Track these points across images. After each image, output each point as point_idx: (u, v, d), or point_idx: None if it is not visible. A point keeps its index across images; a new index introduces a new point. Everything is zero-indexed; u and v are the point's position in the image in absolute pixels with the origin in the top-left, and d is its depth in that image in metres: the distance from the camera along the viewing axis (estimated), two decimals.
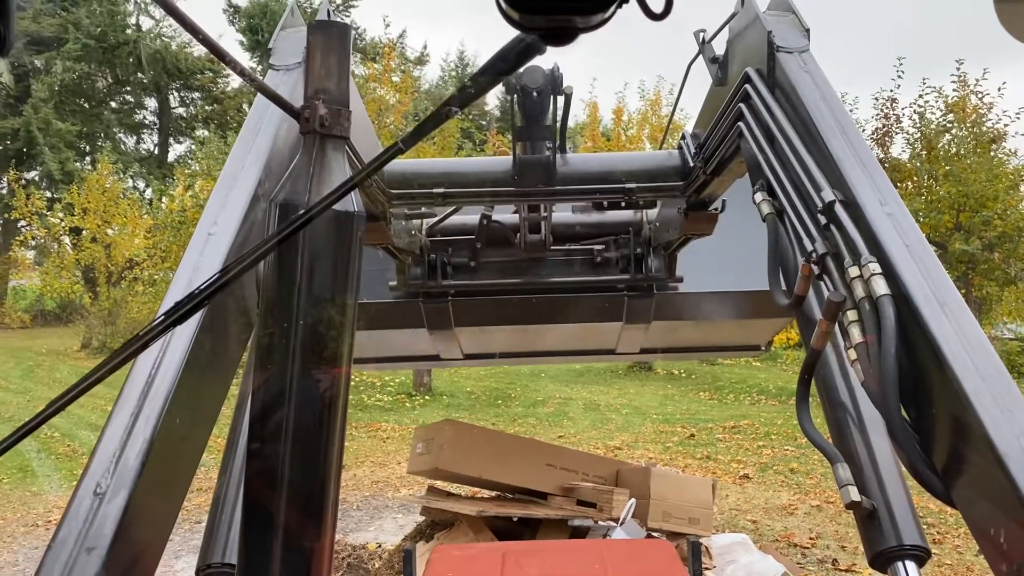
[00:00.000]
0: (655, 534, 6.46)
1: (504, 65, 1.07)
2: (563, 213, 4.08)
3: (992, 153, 19.34)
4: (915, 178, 19.84)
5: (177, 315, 1.17)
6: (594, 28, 0.96)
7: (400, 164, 3.46)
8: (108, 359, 1.14)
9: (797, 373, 2.03)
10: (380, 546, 8.23)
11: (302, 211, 1.45)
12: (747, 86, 2.42)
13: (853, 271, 1.72)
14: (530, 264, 4.12)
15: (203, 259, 1.86)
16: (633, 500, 6.37)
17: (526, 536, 6.36)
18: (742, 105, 2.44)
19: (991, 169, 18.68)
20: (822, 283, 1.87)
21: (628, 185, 3.29)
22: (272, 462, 1.57)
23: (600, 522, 6.41)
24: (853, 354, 1.69)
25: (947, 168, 19.15)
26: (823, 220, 1.89)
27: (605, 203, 3.57)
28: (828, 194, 1.89)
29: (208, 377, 1.78)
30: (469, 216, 3.97)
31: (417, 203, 3.47)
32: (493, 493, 7.14)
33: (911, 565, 1.96)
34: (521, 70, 3.11)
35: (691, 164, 3.15)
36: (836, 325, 1.78)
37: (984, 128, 19.47)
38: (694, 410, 17.81)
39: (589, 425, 16.21)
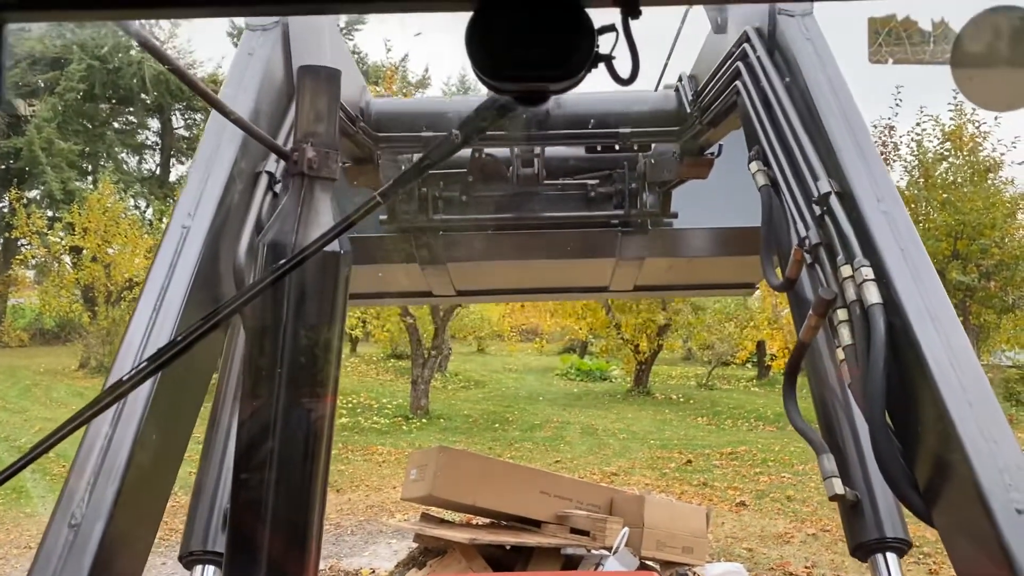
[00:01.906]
0: (649, 563, 6.44)
1: (481, 123, 1.10)
2: (557, 148, 4.06)
3: (989, 182, 19.45)
4: (913, 205, 19.92)
5: (162, 359, 1.19)
6: (564, 91, 0.99)
7: (388, 104, 3.39)
8: (93, 402, 1.16)
9: None
10: (374, 572, 8.21)
11: (287, 255, 1.49)
12: (746, 45, 2.36)
13: (845, 270, 1.71)
14: (523, 199, 4.04)
15: (179, 257, 1.83)
16: (626, 529, 6.36)
17: (519, 564, 6.33)
18: (740, 64, 2.38)
19: (988, 197, 18.77)
20: (815, 269, 1.86)
21: (622, 130, 3.24)
22: (258, 492, 1.59)
23: (593, 551, 6.39)
24: (842, 354, 1.70)
25: (944, 196, 19.24)
26: (818, 210, 1.87)
27: (599, 146, 3.48)
28: (824, 184, 1.87)
29: (179, 400, 1.78)
30: (461, 153, 3.93)
31: (405, 146, 3.40)
32: (486, 520, 7.12)
33: (892, 557, 1.98)
34: None
35: (687, 109, 3.09)
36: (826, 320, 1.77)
37: (981, 156, 19.60)
38: (692, 435, 17.75)
39: (586, 450, 16.16)
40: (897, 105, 20.95)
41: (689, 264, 4.68)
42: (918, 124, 20.37)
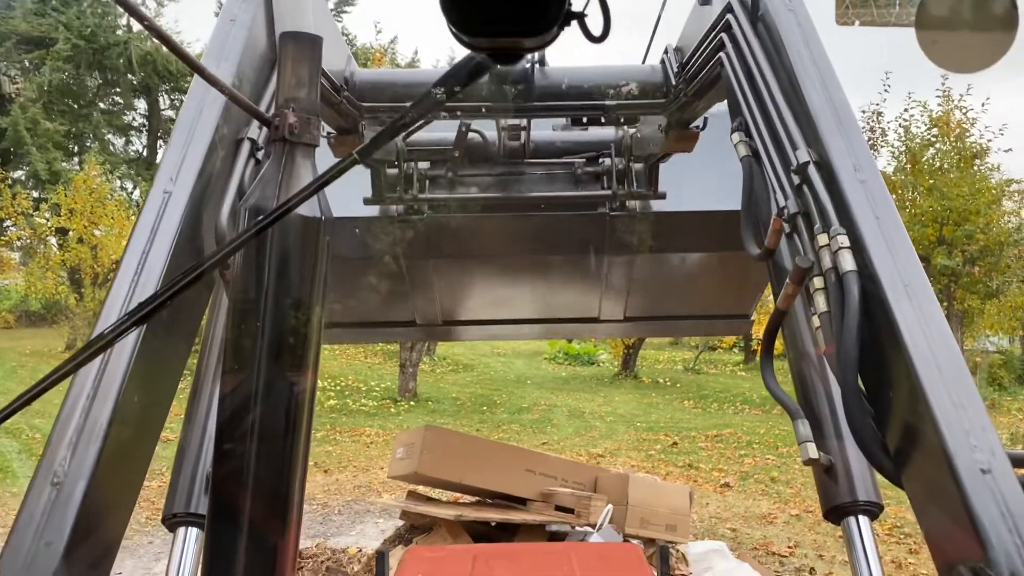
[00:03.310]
0: (633, 541, 6.50)
1: (456, 82, 1.12)
2: (543, 131, 4.03)
3: (975, 168, 19.56)
4: (899, 191, 20.04)
5: (144, 312, 1.21)
6: (537, 49, 1.01)
7: (373, 74, 3.34)
8: (76, 355, 1.18)
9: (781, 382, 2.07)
10: (361, 550, 8.24)
11: (265, 219, 1.50)
12: (729, 16, 2.38)
13: (822, 239, 1.74)
14: (510, 180, 3.99)
15: (160, 222, 1.83)
16: (610, 506, 6.42)
17: (504, 541, 6.38)
18: (724, 35, 2.40)
19: (973, 184, 18.89)
20: (793, 239, 1.89)
21: (608, 102, 3.21)
22: (240, 456, 1.60)
23: (578, 527, 6.45)
24: (817, 322, 1.72)
25: (931, 182, 19.34)
26: (796, 180, 1.90)
27: (585, 118, 3.42)
28: (803, 154, 1.89)
29: (163, 358, 1.79)
30: (447, 133, 3.83)
31: (390, 117, 3.33)
32: (473, 498, 7.18)
33: (864, 520, 2.04)
34: None
35: (673, 82, 3.10)
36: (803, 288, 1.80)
37: (967, 143, 19.70)
38: (678, 418, 17.88)
39: (573, 432, 16.25)
40: (885, 91, 21.12)
41: (678, 287, 4.58)
42: (906, 110, 20.49)
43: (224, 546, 1.62)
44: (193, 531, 2.05)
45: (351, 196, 3.94)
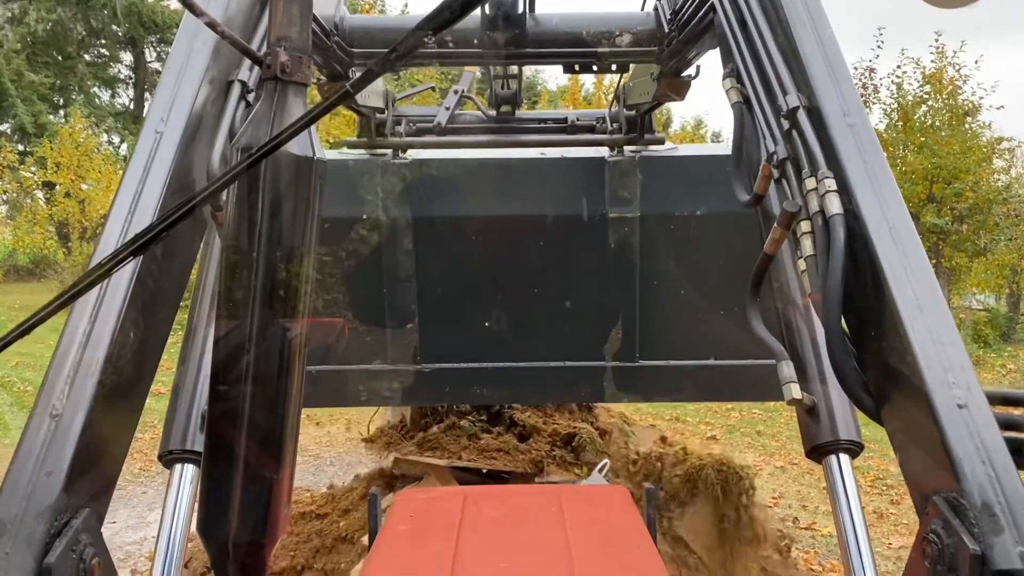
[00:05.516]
0: None
1: (448, 15, 1.12)
2: (534, 110, 3.98)
3: (966, 126, 19.50)
4: (890, 148, 19.99)
5: (137, 245, 1.22)
6: None
7: (362, 20, 3.32)
8: (74, 284, 1.20)
9: None
10: None
11: (257, 152, 1.51)
12: None
13: (810, 183, 1.76)
14: (500, 131, 3.96)
15: (152, 162, 1.84)
16: (607, 461, 6.51)
17: None
18: None
19: (964, 142, 18.84)
20: (782, 185, 1.90)
21: (601, 49, 3.20)
22: (234, 393, 1.63)
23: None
24: (803, 265, 1.75)
25: (922, 139, 19.29)
26: (786, 125, 1.91)
27: (577, 65, 3.41)
28: (793, 99, 1.90)
29: (159, 292, 1.80)
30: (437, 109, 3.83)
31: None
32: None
33: (844, 458, 2.08)
34: None
35: (666, 28, 3.09)
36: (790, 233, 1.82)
37: (960, 100, 19.60)
38: None
39: None
40: (879, 47, 20.80)
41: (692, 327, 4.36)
42: (899, 67, 20.33)
43: (219, 482, 1.66)
44: (189, 468, 2.08)
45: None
